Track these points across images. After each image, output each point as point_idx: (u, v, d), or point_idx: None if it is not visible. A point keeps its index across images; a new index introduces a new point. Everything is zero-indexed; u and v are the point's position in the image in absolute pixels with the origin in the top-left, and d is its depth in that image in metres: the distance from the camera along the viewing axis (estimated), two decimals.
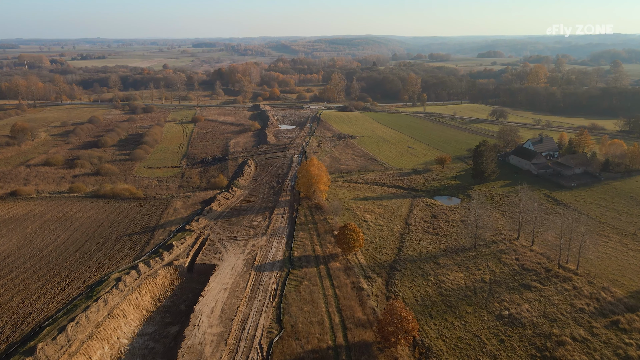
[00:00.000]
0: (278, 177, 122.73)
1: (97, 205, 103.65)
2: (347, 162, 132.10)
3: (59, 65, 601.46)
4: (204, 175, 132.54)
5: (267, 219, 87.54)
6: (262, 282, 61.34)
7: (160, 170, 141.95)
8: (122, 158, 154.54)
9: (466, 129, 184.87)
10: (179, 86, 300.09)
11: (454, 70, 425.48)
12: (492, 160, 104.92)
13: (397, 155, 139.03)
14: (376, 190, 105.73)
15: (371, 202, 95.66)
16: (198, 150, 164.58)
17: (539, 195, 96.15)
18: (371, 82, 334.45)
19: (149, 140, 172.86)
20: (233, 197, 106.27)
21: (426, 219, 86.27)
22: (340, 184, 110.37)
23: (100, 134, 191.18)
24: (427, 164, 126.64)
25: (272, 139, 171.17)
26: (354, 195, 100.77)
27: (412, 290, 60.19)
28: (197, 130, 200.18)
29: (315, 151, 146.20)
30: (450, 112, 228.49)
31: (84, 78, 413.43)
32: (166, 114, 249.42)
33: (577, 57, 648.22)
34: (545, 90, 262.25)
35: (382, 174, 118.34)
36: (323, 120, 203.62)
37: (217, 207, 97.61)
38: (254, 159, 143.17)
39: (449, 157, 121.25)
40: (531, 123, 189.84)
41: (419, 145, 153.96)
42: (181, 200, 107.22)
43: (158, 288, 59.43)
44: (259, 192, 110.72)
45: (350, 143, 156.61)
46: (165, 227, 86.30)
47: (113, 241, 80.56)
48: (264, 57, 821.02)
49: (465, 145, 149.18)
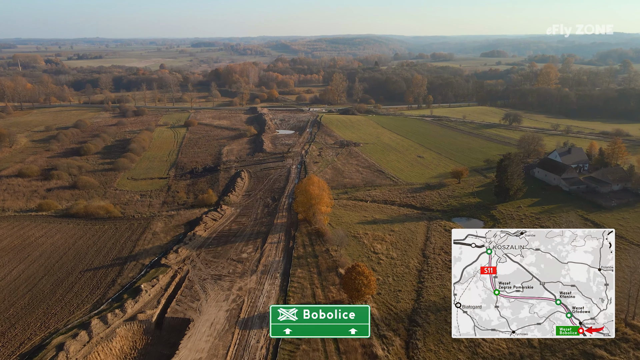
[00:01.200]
0: (274, 192, 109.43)
1: (66, 228, 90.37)
2: (351, 175, 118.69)
3: (54, 65, 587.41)
4: (192, 189, 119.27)
5: (258, 249, 74.18)
6: (248, 345, 48.05)
7: (145, 182, 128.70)
8: (105, 168, 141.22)
9: (478, 134, 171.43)
10: (173, 87, 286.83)
11: (459, 71, 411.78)
12: (519, 175, 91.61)
13: (406, 166, 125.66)
14: (385, 210, 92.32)
15: (381, 227, 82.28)
16: (188, 158, 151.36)
17: (574, 217, 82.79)
18: (373, 83, 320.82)
19: (136, 147, 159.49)
20: (222, 218, 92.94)
21: (447, 248, 72.90)
22: (344, 203, 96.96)
23: (85, 139, 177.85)
24: (440, 177, 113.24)
25: (269, 146, 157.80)
26: (361, 218, 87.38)
27: (440, 359, 46.89)
28: (189, 136, 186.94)
29: (315, 161, 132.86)
30: (458, 115, 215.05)
31: (77, 79, 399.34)
32: (158, 117, 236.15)
33: (582, 56, 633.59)
34: (558, 91, 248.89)
35: (391, 190, 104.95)
36: (324, 125, 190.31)
37: (203, 231, 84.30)
38: (248, 170, 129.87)
39: (466, 170, 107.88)
40: (548, 128, 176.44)
41: (429, 154, 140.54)
42: (163, 221, 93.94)
43: (114, 356, 46.15)
44: (251, 210, 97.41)
45: (354, 152, 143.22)
46: (139, 260, 73.01)
47: (73, 279, 67.27)
48: (264, 56, 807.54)
49: (480, 155, 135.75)
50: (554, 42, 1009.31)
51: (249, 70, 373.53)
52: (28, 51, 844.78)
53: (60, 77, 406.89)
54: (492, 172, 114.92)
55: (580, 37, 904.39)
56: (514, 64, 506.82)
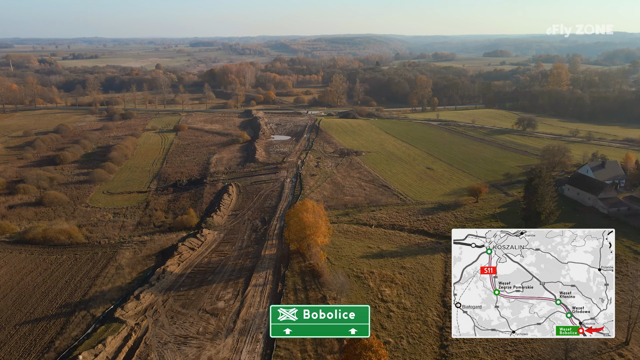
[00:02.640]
0: (264, 212, 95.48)
1: (17, 259, 76.45)
2: (352, 191, 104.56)
3: (47, 65, 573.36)
4: (172, 206, 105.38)
5: (239, 294, 60.11)
6: None
7: (122, 197, 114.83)
8: (80, 180, 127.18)
9: (491, 141, 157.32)
10: (165, 89, 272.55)
11: (463, 71, 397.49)
12: (551, 197, 77.55)
13: (414, 180, 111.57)
14: (393, 238, 78.22)
15: (389, 263, 68.20)
16: (173, 168, 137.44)
17: (621, 250, 68.91)
18: (375, 84, 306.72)
19: (117, 155, 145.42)
20: (201, 246, 79.02)
21: None
22: (345, 228, 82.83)
23: (64, 146, 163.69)
24: (455, 195, 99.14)
25: (262, 154, 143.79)
26: (364, 249, 73.28)
27: None
28: (177, 142, 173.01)
29: (312, 173, 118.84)
30: (467, 119, 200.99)
31: (68, 79, 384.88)
32: (147, 120, 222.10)
33: (587, 56, 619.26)
34: (571, 94, 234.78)
35: (399, 211, 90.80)
36: (323, 130, 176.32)
37: (175, 265, 70.33)
38: (237, 183, 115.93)
39: (485, 187, 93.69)
40: (567, 134, 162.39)
41: (440, 165, 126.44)
42: (132, 249, 79.99)
43: None
44: (237, 236, 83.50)
45: (356, 162, 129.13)
46: (91, 308, 58.96)
47: (3, 337, 53.28)
48: (262, 56, 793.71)
49: (497, 166, 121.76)
50: (556, 41, 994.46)
51: (245, 70, 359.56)
52: (24, 51, 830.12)
53: (51, 78, 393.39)
54: (514, 188, 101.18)
55: (583, 37, 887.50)
56: (518, 64, 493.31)
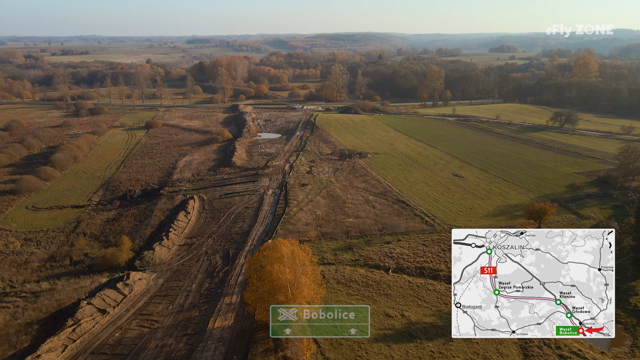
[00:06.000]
0: (230, 242, 66.29)
1: None
2: (356, 209, 74.89)
3: (33, 60, 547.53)
4: (107, 230, 76.31)
5: None
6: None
7: (49, 214, 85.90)
8: (3, 189, 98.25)
9: (527, 140, 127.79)
10: (143, 82, 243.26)
11: (472, 65, 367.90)
12: None
13: (440, 193, 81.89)
14: (424, 294, 48.79)
15: (426, 352, 38.88)
16: (129, 174, 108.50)
17: None
18: (378, 78, 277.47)
19: (61, 158, 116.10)
20: (119, 305, 49.88)
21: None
22: (347, 274, 53.34)
23: (6, 145, 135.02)
24: (504, 215, 69.68)
25: (242, 156, 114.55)
26: (380, 322, 43.58)
27: None
28: (145, 141, 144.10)
29: (303, 183, 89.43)
30: (488, 114, 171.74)
31: (48, 74, 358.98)
32: (118, 116, 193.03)
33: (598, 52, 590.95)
34: (606, 86, 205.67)
35: (427, 242, 61.30)
36: (319, 127, 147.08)
37: (58, 352, 41.14)
38: (201, 196, 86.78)
39: (552, 208, 63.84)
40: (618, 132, 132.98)
41: (470, 170, 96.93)
42: (12, 309, 50.91)
43: None
44: (182, 284, 54.46)
45: (360, 167, 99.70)
46: None
47: None
48: (260, 52, 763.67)
49: (547, 172, 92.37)
50: (562, 38, 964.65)
51: (237, 63, 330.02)
52: (16, 48, 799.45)
53: (30, 72, 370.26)
54: (586, 206, 71.86)
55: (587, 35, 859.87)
56: (529, 58, 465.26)
